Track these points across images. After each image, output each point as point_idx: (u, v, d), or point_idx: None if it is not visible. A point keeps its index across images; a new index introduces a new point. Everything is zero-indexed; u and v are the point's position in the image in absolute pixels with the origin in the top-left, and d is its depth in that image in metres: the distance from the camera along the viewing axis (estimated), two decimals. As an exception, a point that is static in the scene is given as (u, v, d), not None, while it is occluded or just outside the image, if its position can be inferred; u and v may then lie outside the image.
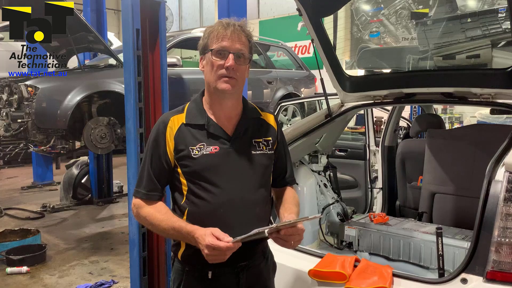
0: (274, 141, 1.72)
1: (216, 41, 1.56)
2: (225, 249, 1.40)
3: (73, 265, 4.39)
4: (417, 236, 2.58)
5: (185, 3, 19.52)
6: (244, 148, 1.63)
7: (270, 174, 1.74)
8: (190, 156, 1.57)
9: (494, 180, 1.70)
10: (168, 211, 1.60)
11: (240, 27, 1.58)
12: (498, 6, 3.22)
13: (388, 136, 4.07)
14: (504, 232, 1.60)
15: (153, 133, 1.65)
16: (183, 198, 1.61)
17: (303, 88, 7.56)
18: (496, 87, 2.31)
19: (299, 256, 2.22)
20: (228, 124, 1.64)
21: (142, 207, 1.62)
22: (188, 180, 1.60)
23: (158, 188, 1.63)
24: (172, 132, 1.60)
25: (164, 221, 1.55)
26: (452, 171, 3.00)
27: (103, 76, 5.04)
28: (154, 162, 1.62)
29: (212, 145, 1.59)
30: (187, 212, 1.59)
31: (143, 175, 1.63)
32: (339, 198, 3.13)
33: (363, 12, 5.64)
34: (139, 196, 1.62)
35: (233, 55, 1.55)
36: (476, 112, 9.89)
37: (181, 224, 1.52)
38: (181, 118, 1.63)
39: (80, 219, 6.09)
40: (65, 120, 4.58)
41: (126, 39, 3.02)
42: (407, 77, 2.79)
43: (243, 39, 1.58)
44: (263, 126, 1.72)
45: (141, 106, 3.10)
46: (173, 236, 1.58)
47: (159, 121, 1.66)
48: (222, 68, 1.55)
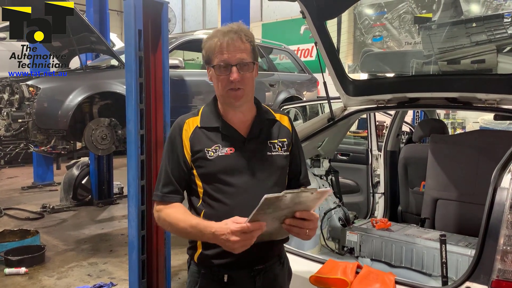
0: (289, 143, 1.72)
1: (216, 55, 1.55)
2: (252, 229, 1.34)
3: (71, 266, 4.37)
4: (420, 242, 2.55)
5: (188, 5, 19.56)
6: (259, 149, 1.63)
7: (286, 175, 1.73)
8: (206, 157, 1.58)
9: (499, 187, 1.68)
10: (186, 211, 1.60)
11: (237, 34, 1.54)
12: (503, 11, 3.20)
13: (391, 140, 4.04)
14: (510, 241, 1.57)
15: (170, 136, 1.67)
16: (199, 200, 1.62)
17: (305, 91, 7.54)
18: (502, 93, 2.29)
19: (300, 261, 2.19)
20: (243, 126, 1.64)
21: (162, 210, 1.61)
22: (203, 182, 1.60)
23: (178, 190, 1.63)
24: (188, 134, 1.61)
25: (182, 220, 1.54)
26: (455, 177, 2.97)
27: (105, 77, 5.02)
28: (172, 163, 1.62)
29: (228, 147, 1.60)
30: (203, 214, 1.59)
31: (161, 177, 1.64)
32: (341, 203, 3.10)
33: (366, 16, 5.62)
34: (158, 199, 1.63)
35: (236, 67, 1.53)
36: (479, 118, 9.86)
37: (198, 221, 1.50)
38: (196, 121, 1.64)
39: (79, 220, 6.07)
40: (66, 120, 4.55)
41: (128, 40, 3.00)
42: (411, 82, 2.77)
43: (243, 46, 1.55)
44: (278, 127, 1.72)
45: (142, 108, 3.08)
46: (191, 234, 1.54)
47: (174, 124, 1.68)
48: (227, 82, 1.54)
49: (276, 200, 1.30)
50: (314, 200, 1.41)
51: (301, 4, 2.50)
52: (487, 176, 2.07)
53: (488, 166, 2.66)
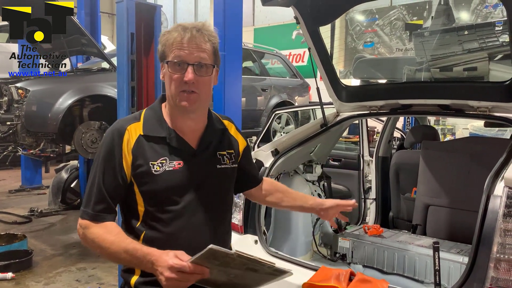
0: (237, 153, 1.61)
1: (173, 51, 1.37)
2: (193, 271, 1.19)
3: (60, 271, 4.30)
4: (412, 249, 2.55)
5: (180, 9, 19.54)
6: (209, 162, 1.49)
7: (232, 190, 1.63)
8: (150, 172, 1.39)
9: (493, 195, 1.68)
10: (120, 232, 1.37)
11: (200, 31, 1.38)
12: (494, 19, 3.23)
13: (383, 146, 4.04)
14: (503, 248, 1.57)
15: (106, 144, 1.43)
16: (139, 220, 1.43)
17: (297, 96, 7.56)
18: (494, 101, 2.30)
19: (292, 268, 2.16)
20: (193, 136, 1.48)
21: (89, 228, 1.38)
22: (146, 200, 1.41)
23: (111, 208, 1.41)
24: (130, 145, 1.41)
25: (115, 243, 1.32)
26: (447, 184, 2.98)
27: (96, 80, 4.99)
28: (107, 177, 1.40)
29: (176, 160, 1.42)
30: (144, 236, 1.41)
31: (93, 192, 1.41)
32: (333, 209, 3.08)
33: (357, 22, 5.65)
34: (88, 218, 1.39)
35: (193, 67, 1.37)
36: (469, 124, 9.95)
37: (135, 246, 1.30)
38: (138, 128, 1.44)
39: (68, 224, 5.98)
40: (55, 123, 4.51)
41: (121, 43, 2.98)
42: (404, 88, 2.77)
43: (204, 46, 1.39)
44: (226, 137, 1.60)
45: (134, 111, 3.05)
46: (125, 261, 1.34)
47: (112, 130, 1.45)
48: (181, 82, 1.37)
49: (222, 255, 1.15)
50: (270, 275, 1.27)
51: (295, 10, 2.50)
52: (479, 182, 2.08)
53: (480, 173, 2.67)
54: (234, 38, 3.63)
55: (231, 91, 3.61)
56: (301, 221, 2.85)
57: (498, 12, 4.31)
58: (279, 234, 2.81)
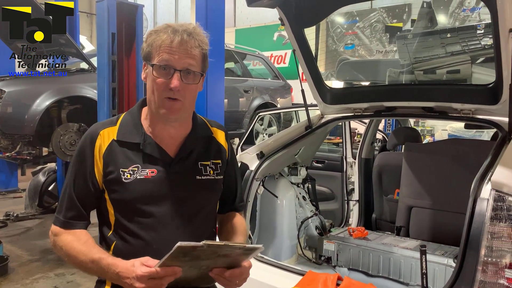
0: (224, 164, 1.50)
1: (160, 53, 1.29)
2: (163, 275, 1.12)
3: (37, 278, 4.17)
4: (397, 251, 2.55)
5: (160, 9, 19.38)
6: (187, 172, 1.39)
7: (217, 203, 1.51)
8: (120, 180, 1.31)
9: (479, 197, 1.68)
10: (89, 240, 1.32)
11: (191, 35, 1.29)
12: (472, 23, 3.28)
13: (365, 148, 4.06)
14: (491, 252, 1.58)
15: (78, 149, 1.38)
16: (110, 230, 1.37)
17: (279, 98, 7.56)
18: (477, 103, 2.32)
19: (278, 273, 2.14)
20: (171, 144, 1.39)
21: (59, 235, 1.34)
22: (116, 209, 1.34)
23: (82, 215, 1.36)
24: (101, 149, 1.34)
25: (82, 252, 1.27)
26: (429, 185, 3.00)
27: (74, 81, 4.88)
28: (78, 183, 1.35)
29: (149, 168, 1.34)
30: (114, 247, 1.35)
31: (64, 198, 1.37)
32: (317, 211, 3.08)
33: (338, 24, 5.67)
34: (59, 225, 1.35)
35: (179, 74, 1.28)
36: (447, 126, 10.13)
37: (101, 256, 1.24)
38: (113, 132, 1.37)
39: (46, 228, 5.82)
40: (32, 125, 4.40)
41: (101, 44, 2.92)
42: (388, 91, 2.78)
43: (194, 51, 1.30)
44: (213, 146, 1.49)
45: (115, 113, 2.99)
46: (92, 271, 1.28)
47: (86, 134, 1.40)
48: (165, 88, 1.29)
49: (192, 249, 1.10)
50: (242, 255, 1.23)
51: (280, 11, 2.48)
52: (460, 184, 2.10)
53: (461, 174, 2.71)
54: (216, 39, 3.59)
55: (213, 93, 3.57)
56: (286, 224, 2.83)
57: (475, 15, 4.38)
58: (264, 237, 2.78)
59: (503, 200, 1.61)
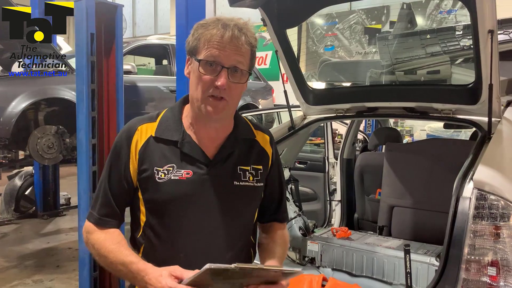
0: (266, 171, 1.39)
1: (208, 48, 1.20)
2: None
3: (14, 285, 4.06)
4: (380, 251, 2.57)
5: (139, 9, 19.18)
6: (224, 176, 1.30)
7: (255, 212, 1.40)
8: (154, 179, 1.25)
9: (462, 196, 1.70)
10: (121, 241, 1.27)
11: (242, 31, 1.21)
12: (449, 24, 3.33)
13: (347, 149, 4.09)
14: (473, 250, 1.59)
15: (114, 145, 1.33)
16: (140, 231, 1.31)
17: (261, 99, 7.55)
18: (457, 103, 2.36)
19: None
20: (210, 145, 1.30)
21: (93, 232, 1.29)
22: (148, 210, 1.28)
23: (116, 213, 1.30)
24: (138, 145, 1.28)
25: (113, 253, 1.22)
26: (410, 185, 3.03)
27: (52, 82, 4.77)
28: (113, 179, 1.29)
29: (184, 169, 1.26)
30: (143, 249, 1.30)
31: (99, 194, 1.32)
32: (301, 212, 3.08)
33: (318, 26, 5.69)
34: (92, 221, 1.31)
35: (227, 71, 1.20)
36: (426, 126, 10.30)
37: (132, 259, 1.19)
38: (151, 129, 1.30)
39: (22, 234, 5.70)
40: (8, 128, 4.28)
41: (80, 44, 2.85)
42: (370, 91, 2.81)
43: (244, 48, 1.22)
44: (255, 150, 1.38)
45: (95, 116, 2.93)
46: (122, 274, 1.22)
47: (124, 129, 1.34)
48: (211, 86, 1.21)
49: (223, 271, 1.05)
50: (279, 276, 1.18)
51: (263, 12, 2.47)
52: (440, 183, 2.13)
53: (441, 173, 2.74)
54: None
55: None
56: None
57: (452, 17, 4.45)
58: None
59: (485, 198, 1.63)
